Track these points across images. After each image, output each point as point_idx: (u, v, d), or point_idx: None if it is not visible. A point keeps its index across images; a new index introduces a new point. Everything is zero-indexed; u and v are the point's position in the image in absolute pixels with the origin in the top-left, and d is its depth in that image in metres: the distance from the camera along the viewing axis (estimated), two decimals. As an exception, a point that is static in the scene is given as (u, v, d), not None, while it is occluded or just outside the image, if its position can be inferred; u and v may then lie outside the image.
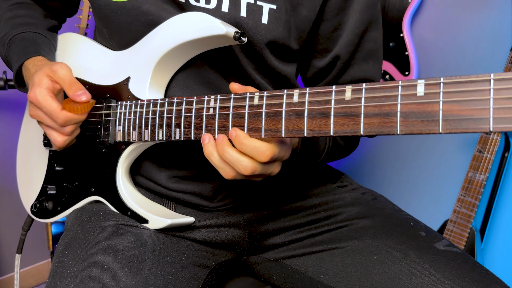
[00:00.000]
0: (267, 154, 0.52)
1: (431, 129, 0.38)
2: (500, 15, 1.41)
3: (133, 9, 0.69)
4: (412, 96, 0.40)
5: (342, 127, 0.44)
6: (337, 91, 0.45)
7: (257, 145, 0.52)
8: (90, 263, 0.60)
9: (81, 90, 0.67)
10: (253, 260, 0.80)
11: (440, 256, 0.65)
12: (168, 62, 0.68)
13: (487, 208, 1.42)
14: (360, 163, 1.85)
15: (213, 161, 0.57)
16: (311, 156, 0.72)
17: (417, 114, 0.39)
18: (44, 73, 0.69)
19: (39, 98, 0.67)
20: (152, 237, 0.67)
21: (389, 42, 1.56)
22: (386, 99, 0.41)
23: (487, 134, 1.32)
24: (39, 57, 0.76)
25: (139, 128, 0.67)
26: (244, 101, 0.53)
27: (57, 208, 0.80)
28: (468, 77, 0.37)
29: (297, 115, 0.48)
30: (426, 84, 0.39)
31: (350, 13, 0.73)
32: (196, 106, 0.59)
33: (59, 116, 0.67)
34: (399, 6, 1.53)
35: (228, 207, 0.78)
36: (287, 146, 0.56)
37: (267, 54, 0.71)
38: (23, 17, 0.84)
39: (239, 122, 0.54)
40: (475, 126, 0.36)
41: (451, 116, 0.37)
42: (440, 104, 0.38)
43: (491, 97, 0.35)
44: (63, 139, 0.70)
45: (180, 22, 0.65)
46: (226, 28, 0.60)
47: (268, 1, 0.68)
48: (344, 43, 0.75)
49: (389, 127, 0.41)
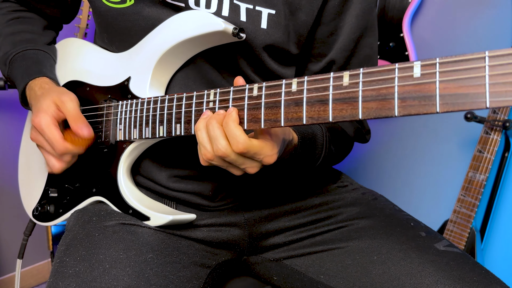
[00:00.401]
0: (241, 147, 0.53)
1: (429, 109, 0.39)
2: (500, 15, 1.42)
3: (133, 15, 0.70)
4: (409, 77, 0.40)
5: (341, 113, 0.45)
6: (335, 77, 0.46)
7: (237, 134, 0.53)
8: (91, 263, 0.60)
9: (85, 126, 0.70)
10: (253, 260, 0.80)
11: (440, 256, 0.65)
12: (168, 61, 0.69)
13: (487, 208, 1.42)
14: (360, 163, 1.85)
15: (198, 136, 0.57)
16: (308, 159, 0.72)
17: (414, 95, 0.40)
18: (52, 100, 0.71)
19: (43, 125, 0.69)
20: (153, 237, 0.67)
21: (389, 42, 1.56)
22: (383, 82, 0.42)
23: (488, 131, 1.32)
24: (44, 79, 0.78)
25: (139, 126, 0.67)
26: (244, 93, 0.54)
27: (58, 211, 0.80)
28: (463, 56, 0.37)
29: (296, 103, 0.48)
30: (422, 65, 0.39)
31: (346, 18, 0.74)
32: (196, 101, 0.59)
33: (59, 146, 0.69)
34: (399, 6, 1.54)
35: (228, 206, 0.78)
36: (270, 149, 0.56)
37: (266, 58, 0.71)
38: (22, 33, 0.85)
39: (239, 114, 0.54)
40: (472, 103, 0.36)
41: (448, 95, 0.38)
42: (437, 83, 0.38)
43: (486, 74, 0.36)
44: (60, 166, 0.73)
45: (179, 21, 0.66)
46: (224, 24, 0.61)
47: (267, 6, 0.69)
48: (340, 48, 0.75)
49: (387, 110, 0.41)
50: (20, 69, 0.80)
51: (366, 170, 1.84)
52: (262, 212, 0.78)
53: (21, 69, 0.80)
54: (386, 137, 1.76)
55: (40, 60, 0.81)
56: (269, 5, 0.69)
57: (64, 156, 0.72)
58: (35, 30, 0.87)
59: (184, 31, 0.65)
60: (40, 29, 0.88)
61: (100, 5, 0.72)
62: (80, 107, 0.78)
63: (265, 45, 0.70)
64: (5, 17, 0.88)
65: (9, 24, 0.87)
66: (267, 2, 0.69)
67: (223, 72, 0.72)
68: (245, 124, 0.54)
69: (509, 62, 0.35)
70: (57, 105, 0.71)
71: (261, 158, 0.56)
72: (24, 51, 0.82)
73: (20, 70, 0.80)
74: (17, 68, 0.81)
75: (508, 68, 0.35)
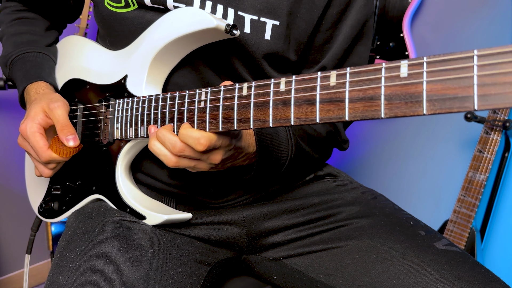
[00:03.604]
0: (185, 135, 0.55)
1: (415, 111, 0.37)
2: (500, 15, 1.41)
3: (136, 18, 0.70)
4: (395, 77, 0.38)
5: (328, 114, 0.43)
6: (322, 77, 0.44)
7: (186, 131, 0.56)
8: (91, 257, 0.61)
9: (72, 135, 0.70)
10: (253, 260, 0.79)
11: (440, 255, 0.65)
12: (163, 59, 0.68)
13: (487, 208, 1.42)
14: (360, 163, 1.85)
15: (154, 151, 0.60)
16: (272, 163, 0.70)
17: (401, 96, 0.38)
18: (41, 107, 0.71)
19: (28, 132, 0.69)
20: (153, 233, 0.67)
21: (389, 42, 1.57)
22: (370, 82, 0.40)
23: (488, 131, 1.30)
24: (41, 83, 0.79)
25: (135, 125, 0.67)
26: (234, 92, 0.53)
27: (61, 208, 0.81)
28: (451, 55, 0.35)
29: (284, 103, 0.47)
30: (409, 64, 0.38)
31: (342, 28, 0.74)
32: (188, 100, 0.59)
33: (43, 154, 0.70)
34: (399, 6, 1.54)
35: (227, 204, 0.78)
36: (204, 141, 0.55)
37: (265, 65, 0.72)
38: (24, 35, 0.86)
39: (229, 114, 0.53)
40: (459, 105, 0.35)
41: (435, 96, 0.36)
42: (424, 84, 0.37)
43: (475, 74, 0.34)
44: (49, 172, 0.74)
45: (172, 18, 0.65)
46: (216, 21, 0.60)
47: (271, 18, 0.68)
48: (331, 56, 0.76)
49: (373, 111, 0.40)
50: (19, 72, 0.81)
51: (366, 169, 1.84)
52: (261, 210, 0.77)
53: (21, 72, 0.81)
54: (386, 136, 1.76)
55: (39, 63, 0.82)
56: (274, 16, 0.68)
57: (49, 165, 0.73)
58: (37, 31, 0.88)
59: (177, 28, 0.64)
60: (42, 30, 0.89)
61: (103, 9, 0.72)
62: (81, 105, 0.78)
63: (266, 53, 0.70)
64: (10, 17, 0.89)
65: (12, 24, 0.88)
66: (272, 13, 0.68)
67: (223, 78, 0.72)
68: (235, 125, 0.53)
69: (498, 62, 0.33)
70: (45, 112, 0.71)
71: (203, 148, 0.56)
72: (24, 53, 0.83)
73: (19, 73, 0.81)
74: (16, 71, 0.82)
75: (497, 68, 0.33)
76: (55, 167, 0.74)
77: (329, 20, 0.73)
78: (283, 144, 0.70)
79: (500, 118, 1.30)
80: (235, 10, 0.68)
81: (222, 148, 0.58)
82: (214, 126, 0.55)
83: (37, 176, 0.77)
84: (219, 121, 0.54)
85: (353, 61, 0.78)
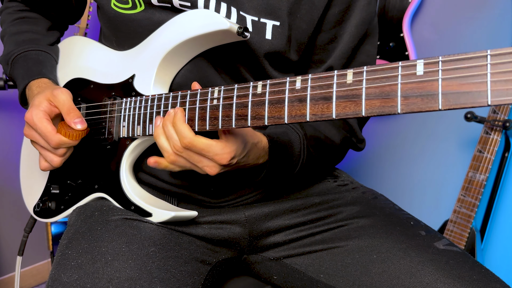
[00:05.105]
0: (186, 141, 0.58)
1: (431, 106, 0.39)
2: (500, 15, 1.42)
3: (144, 20, 0.71)
4: (412, 75, 0.41)
5: (344, 110, 0.45)
6: (339, 75, 0.46)
7: (182, 129, 0.59)
8: (94, 255, 0.61)
9: (79, 118, 0.70)
10: (253, 260, 0.80)
11: (440, 255, 0.66)
12: (173, 59, 0.69)
13: (487, 208, 1.42)
14: (361, 163, 1.85)
15: (158, 142, 0.63)
16: (285, 165, 0.73)
17: (417, 93, 0.40)
18: (44, 96, 0.71)
19: (35, 119, 0.69)
20: (155, 232, 0.68)
21: (389, 42, 1.57)
22: (387, 80, 0.42)
23: (488, 131, 1.32)
24: (43, 79, 0.79)
25: (143, 123, 0.68)
26: (248, 90, 0.55)
27: (60, 207, 0.80)
28: (465, 54, 0.38)
29: (299, 101, 0.49)
30: (425, 63, 0.40)
31: (346, 27, 0.75)
32: (200, 98, 0.60)
33: (52, 138, 0.69)
34: (399, 6, 1.55)
35: (228, 203, 0.78)
36: (220, 148, 0.59)
37: (267, 65, 0.73)
38: (26, 33, 0.86)
39: (243, 111, 0.55)
40: (473, 100, 0.37)
41: (450, 93, 0.38)
42: (439, 81, 0.39)
43: (488, 72, 0.37)
44: (59, 159, 0.73)
45: (184, 20, 0.67)
46: (229, 23, 0.62)
47: (272, 18, 0.70)
48: (338, 56, 0.77)
49: (390, 107, 0.42)
50: (21, 70, 0.81)
51: (367, 170, 1.84)
52: (262, 210, 0.78)
53: (22, 69, 0.81)
54: (386, 136, 1.77)
55: (41, 61, 0.82)
56: (274, 17, 0.70)
57: (59, 150, 0.71)
58: (39, 30, 0.88)
59: (189, 29, 0.65)
60: (44, 30, 0.89)
61: (109, 10, 0.73)
62: (84, 104, 0.78)
63: (268, 53, 0.71)
64: (11, 16, 0.89)
65: (14, 23, 0.88)
66: (272, 14, 0.70)
67: (225, 77, 0.73)
68: (249, 122, 0.54)
69: (510, 61, 0.36)
70: (50, 100, 0.71)
71: (211, 156, 0.59)
72: (26, 51, 0.83)
73: (21, 70, 0.81)
74: (18, 69, 0.82)
75: (509, 67, 0.36)
76: (65, 153, 0.73)
77: (332, 19, 0.74)
78: (295, 151, 0.72)
79: (500, 118, 1.30)
80: (237, 9, 0.69)
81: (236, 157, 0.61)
82: (227, 124, 0.56)
83: (42, 170, 0.75)
84: (232, 118, 0.56)
85: (362, 60, 0.79)
